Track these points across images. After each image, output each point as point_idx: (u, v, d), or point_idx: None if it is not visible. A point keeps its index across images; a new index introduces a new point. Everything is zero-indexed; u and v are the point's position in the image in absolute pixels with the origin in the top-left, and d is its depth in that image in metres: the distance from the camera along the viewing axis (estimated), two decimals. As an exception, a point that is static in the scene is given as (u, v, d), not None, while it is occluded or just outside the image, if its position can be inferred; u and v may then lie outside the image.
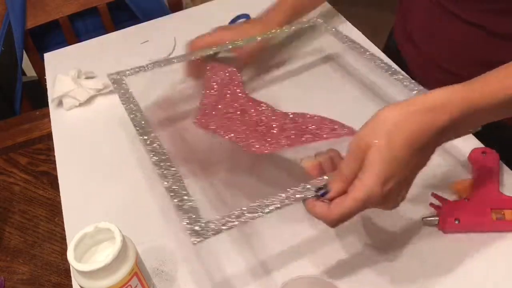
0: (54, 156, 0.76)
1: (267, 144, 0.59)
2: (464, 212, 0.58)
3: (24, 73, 1.37)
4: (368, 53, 0.72)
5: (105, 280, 0.47)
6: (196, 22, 0.79)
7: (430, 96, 0.47)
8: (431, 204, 0.60)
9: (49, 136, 0.82)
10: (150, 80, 0.79)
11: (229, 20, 0.94)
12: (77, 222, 0.64)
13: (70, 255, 0.47)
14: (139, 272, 0.51)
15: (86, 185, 0.70)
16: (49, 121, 0.82)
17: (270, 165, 0.66)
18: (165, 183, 0.52)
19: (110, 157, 0.74)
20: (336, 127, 0.60)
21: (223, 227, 0.46)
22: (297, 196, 0.49)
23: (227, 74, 0.73)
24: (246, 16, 0.95)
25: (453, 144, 0.66)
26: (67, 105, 0.82)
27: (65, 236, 0.64)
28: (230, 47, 0.75)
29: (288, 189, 0.49)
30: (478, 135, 0.67)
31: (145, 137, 0.59)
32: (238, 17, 0.95)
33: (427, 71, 0.80)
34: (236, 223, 0.46)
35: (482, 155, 0.63)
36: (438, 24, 0.76)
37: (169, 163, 0.54)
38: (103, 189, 0.69)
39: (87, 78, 0.85)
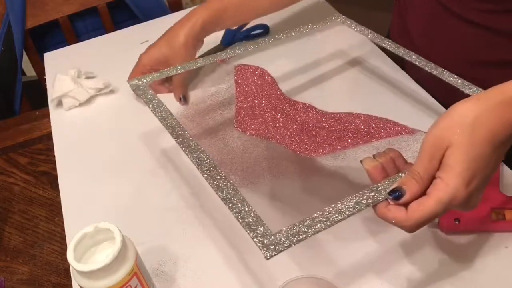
0: (54, 156, 0.76)
1: (319, 147, 0.56)
2: (464, 212, 0.57)
3: (24, 73, 1.37)
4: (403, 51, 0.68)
5: (104, 280, 0.47)
6: (196, 22, 0.79)
7: (507, 88, 0.44)
8: (431, 204, 0.60)
9: (49, 136, 0.82)
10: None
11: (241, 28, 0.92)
12: (77, 222, 0.64)
13: (70, 255, 0.47)
14: (139, 272, 0.51)
15: (86, 185, 0.70)
16: (49, 121, 0.82)
17: (317, 172, 0.62)
18: (220, 193, 0.47)
19: (110, 157, 0.73)
20: (389, 125, 0.57)
21: (295, 239, 0.43)
22: (369, 200, 0.45)
23: (258, 74, 0.71)
24: (264, 27, 0.92)
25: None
26: (67, 105, 0.82)
27: (65, 236, 0.64)
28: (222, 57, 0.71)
29: (357, 194, 0.45)
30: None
31: (187, 147, 0.53)
32: (254, 28, 0.92)
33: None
34: (310, 233, 0.43)
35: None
36: (437, 24, 0.76)
37: (220, 174, 0.49)
38: (103, 189, 0.69)
39: (87, 78, 0.85)
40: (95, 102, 0.84)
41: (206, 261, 0.59)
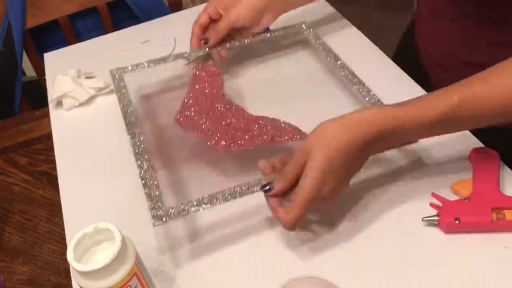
0: (54, 156, 0.76)
1: (232, 144, 0.64)
2: (464, 212, 0.57)
3: (24, 73, 1.38)
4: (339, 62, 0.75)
5: (104, 280, 0.47)
6: (196, 22, 0.80)
7: (363, 112, 0.55)
8: (431, 204, 0.60)
9: (49, 136, 0.82)
10: (148, 76, 0.81)
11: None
12: (77, 222, 0.64)
13: (70, 255, 0.47)
14: (138, 272, 0.51)
15: (86, 185, 0.70)
16: (49, 121, 0.82)
17: (231, 161, 0.69)
18: (140, 172, 0.60)
19: (110, 157, 0.73)
20: (290, 129, 0.65)
21: (181, 213, 0.55)
22: (247, 190, 0.57)
23: (210, 74, 0.75)
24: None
25: (453, 144, 0.66)
26: (67, 105, 0.82)
27: (65, 236, 0.64)
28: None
29: (240, 184, 0.57)
30: (478, 135, 0.67)
31: (131, 130, 0.66)
32: None
33: (436, 68, 0.81)
34: (193, 210, 0.55)
35: (482, 155, 0.63)
36: (438, 26, 0.77)
37: (145, 155, 0.62)
38: (103, 189, 0.69)
39: (87, 78, 0.85)
40: (95, 102, 0.84)
41: (206, 261, 0.59)
